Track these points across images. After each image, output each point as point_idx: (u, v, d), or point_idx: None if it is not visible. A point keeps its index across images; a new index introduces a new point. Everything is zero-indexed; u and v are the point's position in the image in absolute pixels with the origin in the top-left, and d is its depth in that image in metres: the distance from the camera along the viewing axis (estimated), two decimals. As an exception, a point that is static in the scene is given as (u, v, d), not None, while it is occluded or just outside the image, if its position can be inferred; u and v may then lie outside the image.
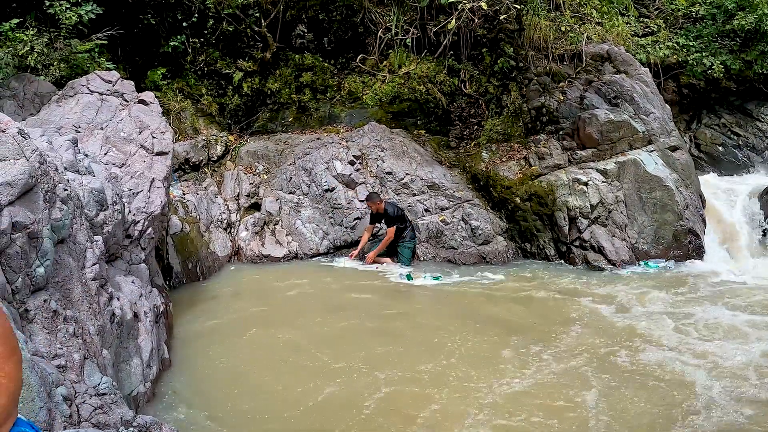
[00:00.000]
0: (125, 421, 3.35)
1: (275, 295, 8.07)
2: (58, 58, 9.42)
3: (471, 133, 11.37)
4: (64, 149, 5.16)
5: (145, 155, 7.09)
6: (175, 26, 11.50)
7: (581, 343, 6.39)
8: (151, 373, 5.06)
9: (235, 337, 6.51)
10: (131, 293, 5.23)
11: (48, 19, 9.46)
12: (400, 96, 11.64)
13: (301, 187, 10.37)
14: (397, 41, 11.77)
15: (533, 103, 10.84)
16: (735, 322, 6.87)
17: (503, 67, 11.19)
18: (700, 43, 13.07)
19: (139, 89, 8.44)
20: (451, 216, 10.08)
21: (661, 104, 10.76)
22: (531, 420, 4.84)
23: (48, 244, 3.78)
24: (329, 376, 5.60)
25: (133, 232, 6.04)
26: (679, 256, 9.50)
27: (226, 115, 11.94)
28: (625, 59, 11.02)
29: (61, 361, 3.50)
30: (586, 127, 10.12)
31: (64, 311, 3.74)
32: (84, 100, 7.69)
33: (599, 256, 9.45)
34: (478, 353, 6.14)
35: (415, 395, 5.29)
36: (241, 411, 4.96)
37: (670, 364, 5.85)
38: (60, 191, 4.13)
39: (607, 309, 7.50)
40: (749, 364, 5.78)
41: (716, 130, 13.42)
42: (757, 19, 12.16)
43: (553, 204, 9.82)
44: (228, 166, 10.85)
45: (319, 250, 9.88)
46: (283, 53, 12.24)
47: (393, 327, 7.01)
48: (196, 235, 9.20)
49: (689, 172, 10.24)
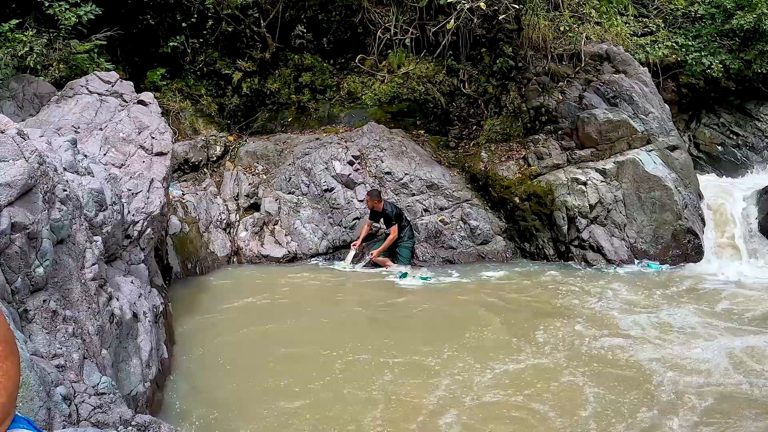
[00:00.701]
0: (124, 421, 3.35)
1: (274, 295, 8.08)
2: (58, 59, 9.44)
3: (470, 133, 11.38)
4: (64, 150, 5.17)
5: (145, 156, 7.10)
6: (174, 27, 11.52)
7: (565, 338, 6.49)
8: (151, 373, 5.06)
9: (234, 337, 6.52)
10: (130, 293, 5.24)
11: (47, 19, 9.48)
12: (399, 96, 11.65)
13: (300, 187, 10.38)
14: (396, 41, 11.78)
15: (532, 102, 10.85)
16: (724, 323, 6.88)
17: (502, 67, 11.20)
18: (699, 43, 13.06)
19: (138, 90, 8.46)
20: (450, 216, 10.09)
21: (660, 104, 10.77)
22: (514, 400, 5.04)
23: (47, 245, 3.78)
24: (330, 373, 5.61)
25: (132, 232, 6.05)
26: (677, 255, 9.51)
27: (225, 115, 11.95)
28: (624, 59, 11.03)
29: (60, 361, 3.50)
30: (585, 127, 10.13)
31: (63, 311, 3.75)
32: (83, 101, 7.70)
33: (598, 256, 9.47)
34: (477, 345, 6.19)
35: (418, 385, 5.36)
36: (242, 410, 4.97)
37: (637, 359, 5.94)
38: (59, 192, 4.14)
39: (597, 306, 7.53)
40: (719, 365, 5.81)
41: (715, 130, 13.42)
42: (756, 18, 12.15)
43: (552, 204, 9.82)
44: (227, 166, 10.87)
45: (319, 250, 9.89)
46: (282, 53, 12.25)
47: (392, 324, 7.04)
48: (196, 235, 9.21)
49: (688, 171, 10.25)
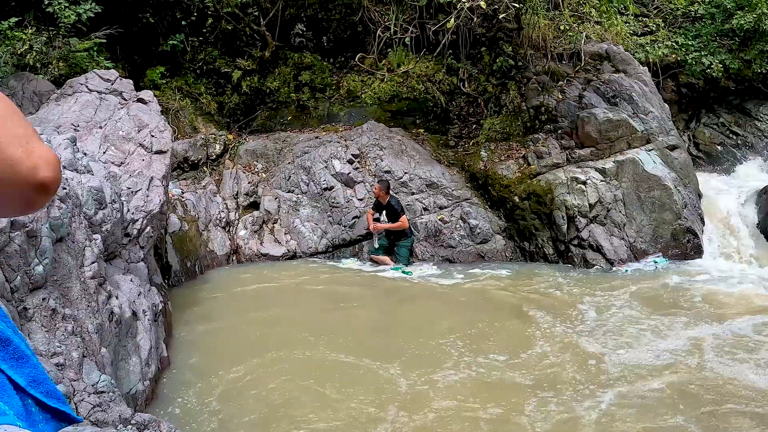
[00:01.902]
0: (124, 419, 3.36)
1: (274, 293, 8.08)
2: (57, 57, 9.43)
3: (470, 132, 11.37)
4: (63, 148, 5.17)
5: (144, 154, 7.10)
6: (174, 25, 11.51)
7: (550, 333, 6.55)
8: (150, 372, 5.06)
9: (233, 335, 6.52)
10: (130, 292, 5.24)
11: (47, 17, 9.47)
12: (398, 95, 11.64)
13: (299, 185, 10.38)
14: (395, 40, 11.77)
15: (532, 102, 10.84)
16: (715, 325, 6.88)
17: (502, 66, 11.19)
18: (699, 43, 13.06)
19: (137, 88, 8.45)
20: (450, 215, 10.08)
21: (659, 103, 10.77)
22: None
23: (47, 243, 3.78)
24: (330, 371, 5.61)
25: (131, 230, 6.04)
26: (677, 255, 9.50)
27: (224, 113, 11.94)
28: (624, 58, 11.02)
29: (59, 360, 3.50)
30: (584, 126, 10.12)
31: (62, 309, 3.75)
32: (83, 99, 7.69)
33: (598, 255, 9.46)
34: (473, 340, 6.20)
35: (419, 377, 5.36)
36: (242, 407, 4.97)
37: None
38: (59, 190, 4.13)
39: (585, 306, 7.54)
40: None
41: (715, 129, 13.41)
42: (756, 18, 12.15)
43: (551, 203, 9.82)
44: (227, 164, 10.86)
45: (318, 249, 9.88)
46: (282, 52, 12.24)
47: (392, 320, 7.04)
48: (195, 233, 9.20)
49: (688, 171, 10.25)
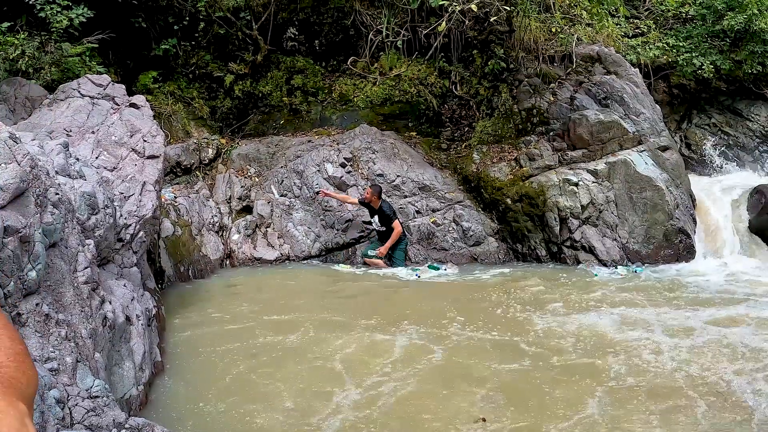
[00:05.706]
0: (118, 423, 3.36)
1: (267, 298, 8.08)
2: (49, 62, 9.42)
3: (462, 135, 11.40)
4: (56, 153, 5.17)
5: (137, 159, 7.09)
6: (166, 29, 11.51)
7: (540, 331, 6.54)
8: (144, 376, 5.06)
9: (227, 339, 6.52)
10: (123, 297, 5.24)
11: (39, 22, 9.45)
12: (391, 98, 11.67)
13: (292, 189, 10.39)
14: (387, 43, 11.81)
15: (524, 104, 10.89)
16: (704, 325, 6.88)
17: (494, 68, 11.23)
18: (690, 44, 13.13)
19: (130, 93, 8.44)
20: (443, 217, 10.11)
21: (651, 104, 10.83)
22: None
23: (40, 248, 3.79)
24: (324, 375, 5.61)
25: (124, 235, 6.04)
26: (669, 255, 9.55)
27: (217, 118, 11.95)
28: (616, 60, 11.09)
29: (53, 365, 3.51)
30: (576, 128, 10.17)
31: (56, 315, 3.75)
32: (75, 104, 7.69)
33: (590, 256, 9.50)
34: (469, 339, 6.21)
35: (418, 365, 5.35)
36: (235, 412, 4.97)
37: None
38: (51, 195, 4.14)
39: (576, 306, 7.55)
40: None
41: (707, 130, 13.49)
42: (746, 19, 12.21)
43: (543, 205, 9.86)
44: (220, 169, 10.87)
45: (311, 253, 9.90)
46: (274, 56, 12.25)
47: (389, 321, 7.04)
48: (188, 238, 9.20)
49: (679, 171, 10.31)
